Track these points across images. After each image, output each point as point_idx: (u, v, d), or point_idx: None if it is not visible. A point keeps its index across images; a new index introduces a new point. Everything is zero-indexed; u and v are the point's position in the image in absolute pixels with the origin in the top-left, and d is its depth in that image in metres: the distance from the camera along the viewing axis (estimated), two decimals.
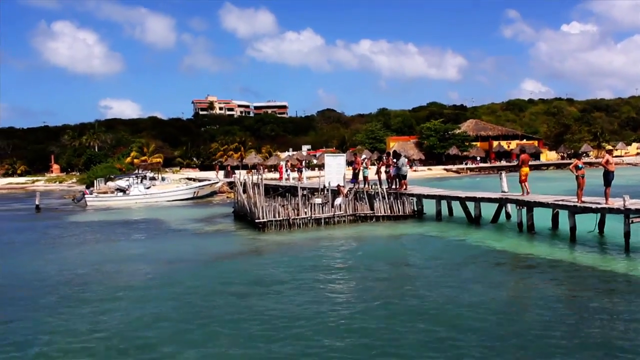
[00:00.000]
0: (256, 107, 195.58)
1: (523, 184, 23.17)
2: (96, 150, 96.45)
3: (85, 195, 46.18)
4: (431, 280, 15.05)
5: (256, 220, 25.33)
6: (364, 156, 35.11)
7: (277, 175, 53.82)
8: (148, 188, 47.10)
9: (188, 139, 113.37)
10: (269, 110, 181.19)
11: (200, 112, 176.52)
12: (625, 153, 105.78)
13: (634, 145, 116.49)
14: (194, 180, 57.57)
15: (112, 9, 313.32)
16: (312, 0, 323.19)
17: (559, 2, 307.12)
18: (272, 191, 34.46)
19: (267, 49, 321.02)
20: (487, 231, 22.84)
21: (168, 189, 48.28)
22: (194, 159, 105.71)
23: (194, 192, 47.90)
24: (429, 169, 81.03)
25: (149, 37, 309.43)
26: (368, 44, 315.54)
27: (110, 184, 52.83)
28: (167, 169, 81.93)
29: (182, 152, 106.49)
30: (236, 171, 58.28)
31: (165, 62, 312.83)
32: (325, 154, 45.92)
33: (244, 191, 29.78)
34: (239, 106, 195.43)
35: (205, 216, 33.99)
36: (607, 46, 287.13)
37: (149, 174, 51.65)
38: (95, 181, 58.26)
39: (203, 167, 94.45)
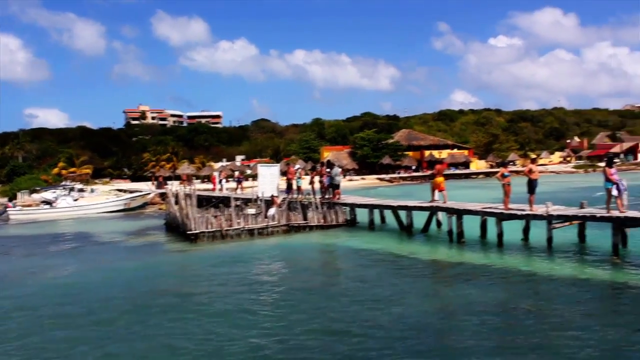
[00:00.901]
0: (190, 117, 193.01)
1: (441, 192, 23.95)
2: (20, 160, 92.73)
3: (8, 209, 44.32)
4: (362, 291, 15.12)
5: (188, 232, 24.92)
6: (297, 166, 35.12)
7: (210, 185, 53.24)
8: (76, 200, 45.67)
9: (119, 149, 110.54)
10: (203, 120, 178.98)
11: (132, 122, 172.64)
12: (549, 161, 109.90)
13: (557, 154, 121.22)
14: (125, 191, 56.22)
15: (38, 14, 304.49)
16: (246, 10, 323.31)
17: (486, 16, 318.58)
18: (205, 202, 34.00)
19: (201, 58, 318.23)
20: (418, 239, 23.22)
21: (97, 201, 46.94)
22: (125, 169, 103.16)
23: (125, 204, 46.72)
24: (362, 179, 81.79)
25: (77, 44, 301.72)
26: (302, 54, 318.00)
27: (35, 196, 50.84)
28: (96, 180, 79.60)
29: (113, 163, 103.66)
30: (168, 182, 57.29)
31: (94, 70, 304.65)
32: (259, 164, 45.71)
33: (176, 202, 29.27)
34: (172, 116, 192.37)
35: (136, 228, 33.19)
36: (531, 59, 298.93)
37: (77, 186, 50.10)
38: (18, 193, 55.91)
39: (135, 178, 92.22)
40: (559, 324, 11.49)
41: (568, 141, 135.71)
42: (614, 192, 17.36)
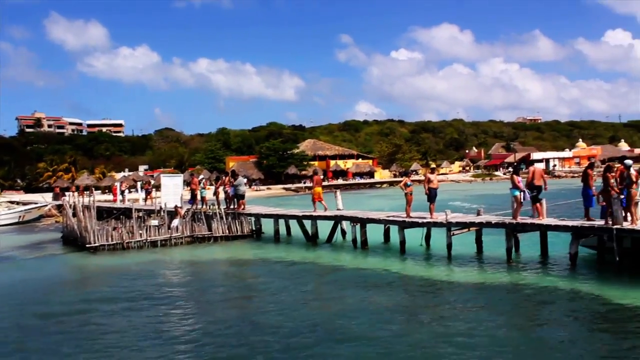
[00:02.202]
0: (89, 125, 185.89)
1: (318, 202, 25.05)
2: None
3: None
4: (268, 302, 15.03)
5: (87, 245, 23.97)
6: (201, 176, 34.56)
7: (111, 196, 51.41)
8: None
9: (11, 159, 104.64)
10: (104, 129, 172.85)
11: (26, 130, 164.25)
12: (450, 171, 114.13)
13: (457, 163, 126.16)
14: (18, 203, 53.31)
15: None
16: (147, 16, 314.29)
17: (388, 30, 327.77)
18: (105, 214, 32.78)
19: (100, 64, 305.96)
20: (324, 249, 23.41)
21: None
22: (19, 180, 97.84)
23: (19, 217, 44.28)
24: (268, 189, 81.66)
25: None
26: (206, 62, 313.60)
27: None
28: None
29: (4, 173, 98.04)
30: (66, 193, 54.78)
31: None
32: (162, 175, 44.65)
33: (74, 214, 28.08)
34: (71, 124, 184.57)
35: (31, 242, 31.43)
36: (431, 72, 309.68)
37: None
38: None
39: (29, 190, 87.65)
40: (454, 325, 11.92)
41: (467, 151, 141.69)
42: (522, 199, 18.23)
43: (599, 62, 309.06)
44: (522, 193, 18.20)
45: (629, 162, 16.22)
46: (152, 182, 48.50)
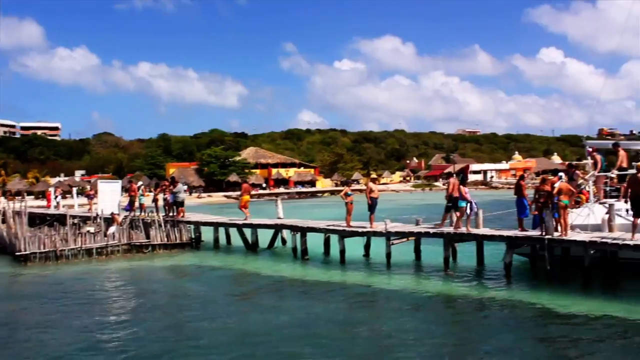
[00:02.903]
0: (23, 128, 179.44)
1: (243, 209, 25.66)
2: None
3: None
4: (202, 311, 14.78)
5: (17, 253, 23.06)
6: (140, 182, 33.81)
7: (45, 202, 49.76)
8: None
9: None
10: (39, 132, 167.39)
11: None
12: (390, 181, 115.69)
13: (398, 173, 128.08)
14: None
15: None
16: (87, 16, 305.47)
17: (331, 40, 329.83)
18: (38, 220, 31.69)
19: (35, 65, 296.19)
20: (264, 258, 23.29)
21: None
22: None
23: None
24: (209, 196, 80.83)
25: None
26: (147, 67, 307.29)
27: None
28: None
29: None
30: None
31: None
32: (99, 180, 43.45)
33: (4, 221, 27.02)
34: (2, 125, 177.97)
35: None
36: (373, 83, 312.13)
37: None
38: None
39: None
40: (390, 333, 12.06)
41: (408, 162, 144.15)
42: (468, 210, 18.57)
43: (534, 78, 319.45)
44: (469, 204, 18.59)
45: (561, 174, 16.99)
46: (87, 187, 47.36)
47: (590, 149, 19.73)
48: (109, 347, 11.68)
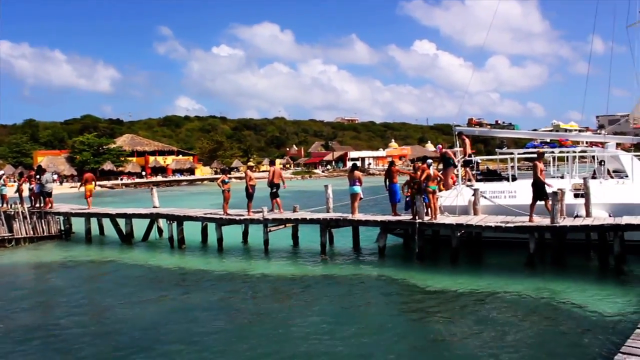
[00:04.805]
0: None
1: (88, 199, 25.73)
2: None
3: None
4: (76, 307, 14.16)
5: None
6: (1, 172, 31.66)
7: None
8: None
9: None
10: None
11: None
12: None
13: (278, 161, 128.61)
14: None
15: None
16: None
17: (208, 25, 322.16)
18: None
19: None
20: (139, 248, 22.59)
21: None
22: None
23: None
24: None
25: None
26: (7, 46, 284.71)
27: None
28: None
29: None
30: None
31: None
32: None
33: None
34: None
35: None
36: (251, 70, 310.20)
37: None
38: None
39: None
40: (270, 316, 12.18)
41: (287, 149, 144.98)
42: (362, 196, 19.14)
43: (409, 69, 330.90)
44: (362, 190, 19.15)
45: (429, 161, 17.85)
46: None
47: (461, 134, 21.01)
48: None
